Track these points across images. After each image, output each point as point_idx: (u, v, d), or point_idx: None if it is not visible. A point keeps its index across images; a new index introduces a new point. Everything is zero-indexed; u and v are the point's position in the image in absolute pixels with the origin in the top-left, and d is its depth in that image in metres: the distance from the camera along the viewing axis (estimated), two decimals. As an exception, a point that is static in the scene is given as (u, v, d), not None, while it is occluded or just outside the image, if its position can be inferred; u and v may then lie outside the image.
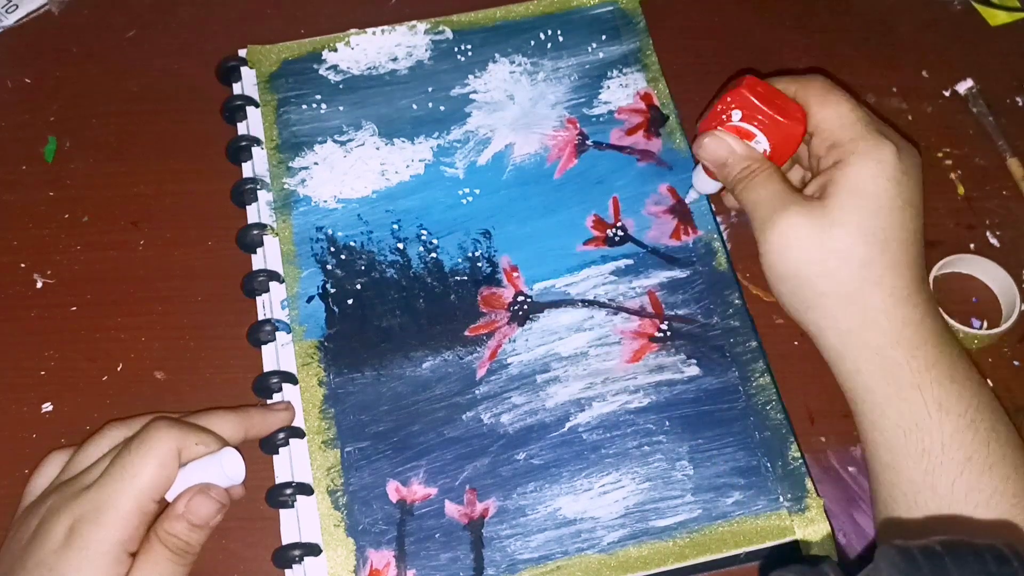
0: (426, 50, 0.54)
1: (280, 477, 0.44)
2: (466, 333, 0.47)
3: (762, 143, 0.43)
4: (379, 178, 0.50)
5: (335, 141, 0.51)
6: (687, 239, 0.48)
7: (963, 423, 0.38)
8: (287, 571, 0.42)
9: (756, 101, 0.42)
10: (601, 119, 0.52)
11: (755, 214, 0.41)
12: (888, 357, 0.39)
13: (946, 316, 0.46)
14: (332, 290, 0.47)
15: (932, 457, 0.38)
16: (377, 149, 0.51)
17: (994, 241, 0.50)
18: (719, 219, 0.50)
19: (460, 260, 0.48)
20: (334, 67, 0.54)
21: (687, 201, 0.49)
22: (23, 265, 0.50)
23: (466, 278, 0.48)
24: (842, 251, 0.39)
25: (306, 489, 0.43)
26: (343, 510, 0.43)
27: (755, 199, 0.41)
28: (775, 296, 0.43)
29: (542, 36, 0.54)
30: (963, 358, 0.40)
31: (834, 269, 0.39)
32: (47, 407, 0.47)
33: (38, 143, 0.54)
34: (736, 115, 0.42)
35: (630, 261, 0.48)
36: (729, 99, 0.42)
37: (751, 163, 0.42)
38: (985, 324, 0.48)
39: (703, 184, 0.47)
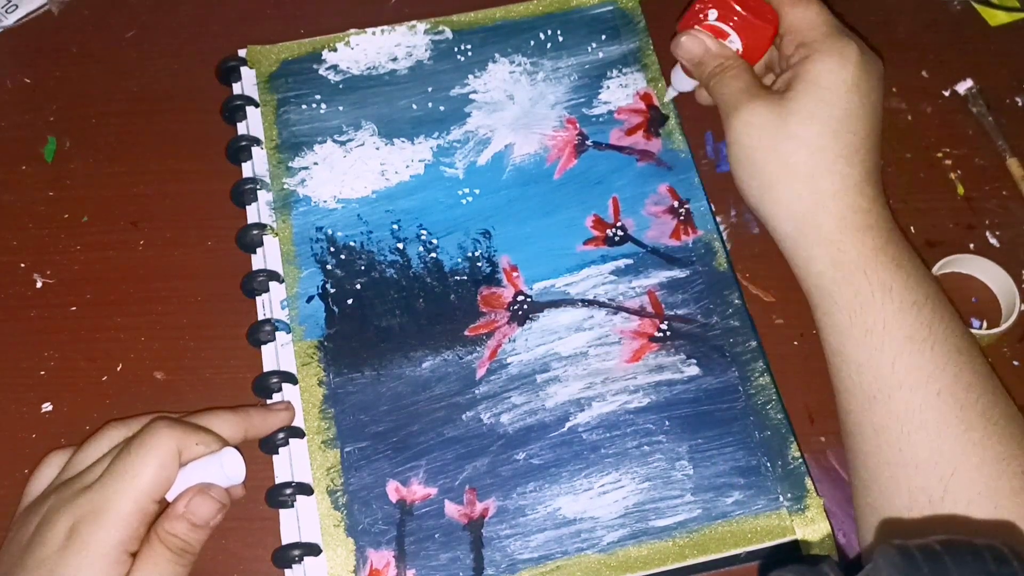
0: (426, 50, 0.54)
1: (280, 477, 0.44)
2: (466, 333, 0.47)
3: (735, 42, 0.45)
4: (379, 178, 0.50)
5: (335, 141, 0.51)
6: (687, 239, 0.48)
7: (906, 304, 0.39)
8: (287, 571, 0.42)
9: (731, 2, 0.44)
10: (601, 119, 0.52)
11: (723, 106, 0.44)
12: (836, 241, 0.41)
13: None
14: (332, 290, 0.47)
15: (875, 336, 0.39)
16: (377, 149, 0.51)
17: (994, 241, 0.50)
18: (719, 219, 0.50)
19: (460, 260, 0.48)
20: (334, 67, 0.54)
21: (665, 100, 0.51)
22: (23, 265, 0.50)
23: (466, 278, 0.48)
24: (797, 137, 0.41)
25: (306, 489, 0.43)
26: (343, 510, 0.43)
27: (724, 92, 0.44)
28: (738, 186, 0.45)
29: (542, 36, 0.54)
30: (911, 251, 0.42)
31: (788, 154, 0.41)
32: (47, 407, 0.47)
33: (38, 143, 0.54)
34: (712, 15, 0.45)
35: (630, 261, 0.48)
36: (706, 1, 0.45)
37: (724, 60, 0.45)
38: (985, 324, 0.48)
39: (680, 82, 0.49)
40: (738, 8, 0.44)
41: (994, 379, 0.40)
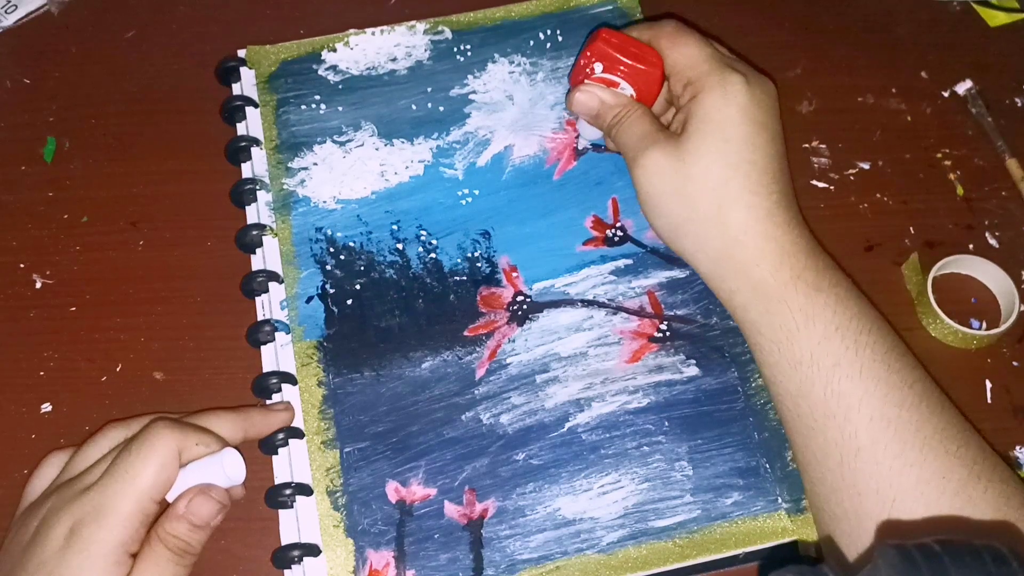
0: (425, 50, 0.54)
1: (279, 477, 0.44)
2: (465, 333, 0.47)
3: (627, 89, 0.45)
4: (378, 179, 0.50)
5: (334, 142, 0.51)
6: (686, 239, 0.48)
7: (830, 331, 0.39)
8: (286, 571, 0.42)
9: (613, 52, 0.44)
10: (600, 119, 0.52)
11: (625, 155, 0.44)
12: (754, 275, 0.40)
13: (946, 316, 0.46)
14: (331, 290, 0.47)
15: (803, 368, 0.39)
16: (376, 150, 0.51)
17: (993, 242, 0.50)
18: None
19: (459, 260, 0.48)
20: (333, 67, 0.54)
21: (578, 148, 0.51)
22: (22, 265, 0.50)
23: (465, 278, 0.48)
24: (697, 176, 0.41)
25: (305, 490, 0.43)
26: (342, 511, 0.43)
27: (625, 141, 0.44)
28: (655, 231, 0.45)
29: (541, 36, 0.54)
30: (832, 270, 0.41)
31: (692, 196, 0.41)
32: (46, 407, 0.47)
33: (37, 143, 0.54)
34: (598, 68, 0.45)
35: (629, 261, 0.48)
36: (589, 53, 0.45)
37: (620, 108, 0.45)
38: (984, 325, 0.48)
39: (588, 132, 0.49)
40: (621, 57, 0.44)
41: (929, 387, 0.39)
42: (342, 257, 0.48)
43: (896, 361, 0.39)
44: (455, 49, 0.54)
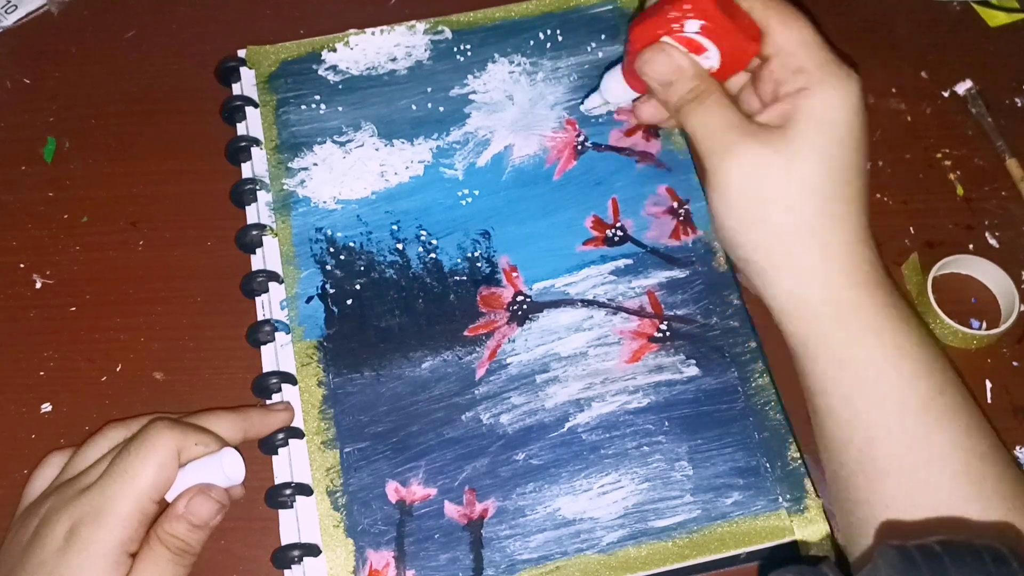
0: (425, 50, 0.54)
1: (279, 478, 0.44)
2: (465, 333, 0.47)
3: (712, 59, 0.38)
4: (378, 179, 0.50)
5: (334, 142, 0.51)
6: (686, 239, 0.48)
7: (919, 369, 0.36)
8: (286, 572, 0.42)
9: (719, 11, 0.37)
10: (600, 120, 0.52)
11: (706, 143, 0.37)
12: (846, 299, 0.37)
13: (945, 317, 0.46)
14: (331, 290, 0.47)
15: (888, 406, 0.36)
16: (376, 150, 0.51)
17: (993, 242, 0.50)
18: (718, 219, 0.50)
19: (459, 260, 0.48)
20: (333, 67, 0.54)
21: (584, 108, 0.46)
22: (22, 265, 0.50)
23: (465, 278, 0.48)
24: (807, 182, 0.36)
25: (305, 490, 0.43)
26: (342, 511, 0.43)
27: (706, 125, 0.37)
28: (726, 236, 0.38)
29: (541, 36, 0.54)
30: (910, 305, 0.38)
31: (797, 203, 0.36)
32: (46, 407, 0.47)
33: (37, 144, 0.54)
34: (692, 25, 0.37)
35: (629, 261, 0.48)
36: (688, 6, 0.37)
37: (699, 83, 0.38)
38: (984, 325, 0.48)
39: (616, 93, 0.42)
40: (726, 21, 0.37)
41: (992, 434, 0.37)
42: (342, 257, 0.48)
43: (969, 404, 0.37)
44: (455, 49, 0.54)
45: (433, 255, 0.48)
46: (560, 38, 0.54)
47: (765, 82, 0.39)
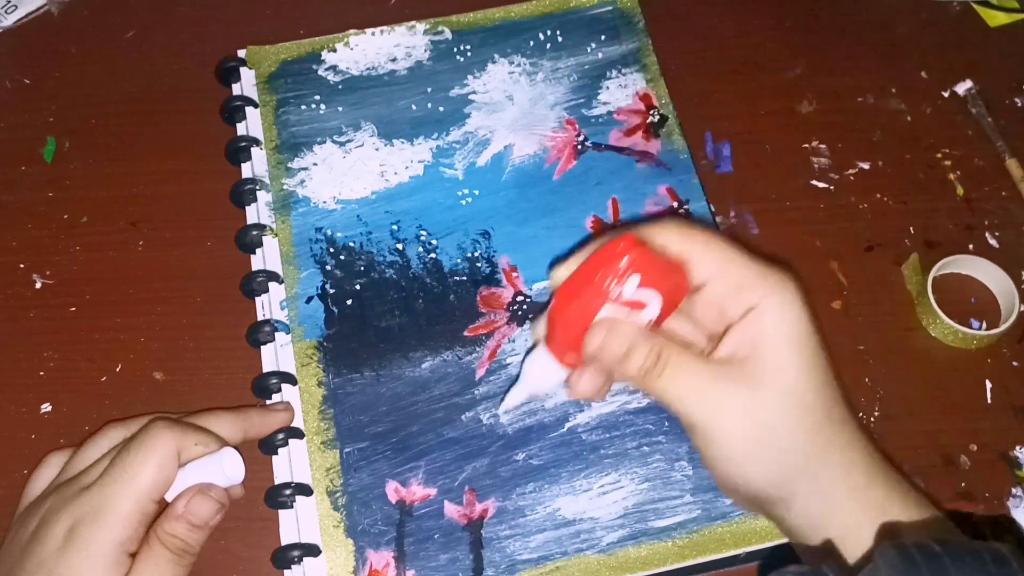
0: (425, 50, 0.54)
1: (279, 478, 0.44)
2: (465, 333, 0.47)
3: (653, 310, 0.34)
4: (378, 179, 0.50)
5: (334, 142, 0.51)
6: (686, 240, 0.48)
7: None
8: (286, 572, 0.42)
9: (654, 261, 0.33)
10: (600, 120, 0.52)
11: (686, 406, 0.34)
12: (871, 496, 0.35)
13: (946, 317, 0.46)
14: (331, 291, 0.47)
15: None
16: (376, 150, 0.51)
17: (993, 242, 0.50)
18: (718, 220, 0.50)
19: (459, 260, 0.48)
20: (333, 68, 0.54)
21: (503, 410, 0.41)
22: (22, 266, 0.50)
23: (465, 278, 0.48)
24: (801, 402, 0.34)
25: (305, 490, 0.43)
26: (342, 511, 0.43)
27: (680, 388, 0.34)
28: (725, 482, 0.36)
29: (541, 36, 0.54)
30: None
31: (797, 425, 0.34)
32: (46, 408, 0.47)
33: (37, 144, 0.54)
34: (632, 284, 0.33)
35: (629, 262, 0.48)
36: (626, 262, 0.33)
37: (654, 345, 0.34)
38: (984, 325, 0.48)
39: (546, 380, 0.36)
40: (662, 266, 0.33)
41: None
42: (342, 257, 0.48)
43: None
44: (455, 49, 0.54)
45: (433, 255, 0.48)
46: (560, 39, 0.54)
47: (706, 309, 0.36)
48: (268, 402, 0.45)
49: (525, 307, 0.47)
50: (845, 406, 0.35)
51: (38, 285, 0.50)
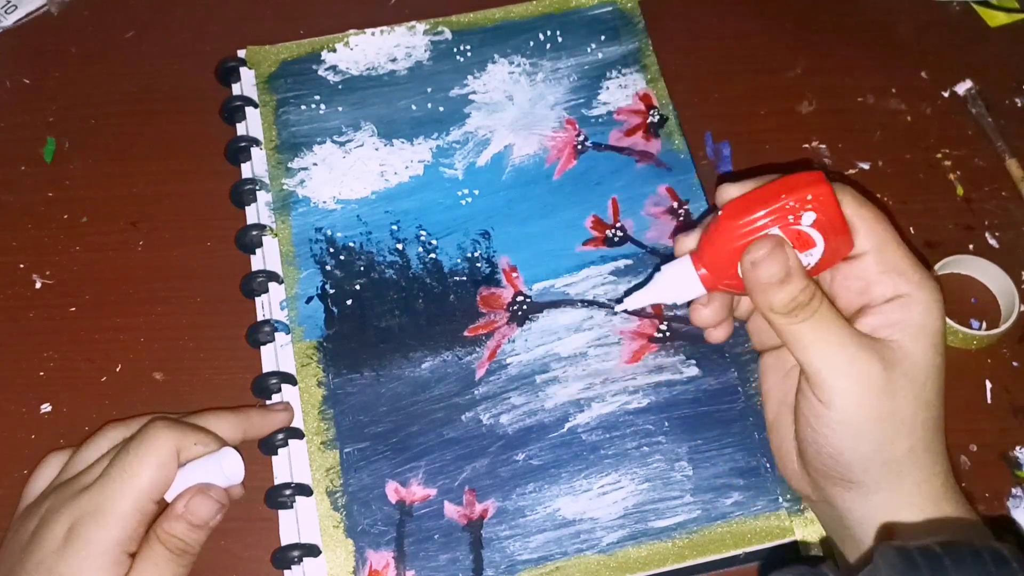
0: (425, 51, 0.54)
1: (279, 478, 0.44)
2: (465, 333, 0.47)
3: (815, 256, 0.34)
4: (378, 179, 0.50)
5: (334, 142, 0.51)
6: (686, 240, 0.48)
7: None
8: (286, 572, 0.42)
9: (836, 206, 0.33)
10: (600, 120, 0.52)
11: (822, 358, 0.34)
12: (940, 508, 0.35)
13: (945, 317, 0.46)
14: (331, 291, 0.47)
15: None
16: (376, 150, 0.51)
17: (993, 242, 0.50)
18: (718, 220, 0.50)
19: (459, 260, 0.48)
20: (333, 68, 0.54)
21: (618, 309, 0.40)
22: (22, 266, 0.50)
23: (465, 278, 0.48)
24: (928, 404, 0.35)
25: (305, 490, 0.43)
26: (342, 511, 0.43)
27: (823, 338, 0.34)
28: (819, 452, 0.35)
29: (541, 36, 0.54)
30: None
31: (913, 423, 0.35)
32: (46, 408, 0.47)
33: (37, 144, 0.54)
34: (808, 218, 0.33)
35: (629, 261, 0.48)
36: (810, 196, 0.33)
37: (810, 285, 0.34)
38: (984, 325, 0.48)
39: (684, 289, 0.36)
40: (841, 216, 0.33)
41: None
42: (342, 257, 0.48)
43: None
44: (455, 49, 0.54)
45: (433, 255, 0.48)
46: (560, 39, 0.54)
47: (853, 280, 0.36)
48: (268, 402, 0.45)
49: (525, 307, 0.47)
50: (943, 419, 0.36)
51: (38, 285, 0.50)
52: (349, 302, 0.47)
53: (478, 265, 0.48)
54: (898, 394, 0.34)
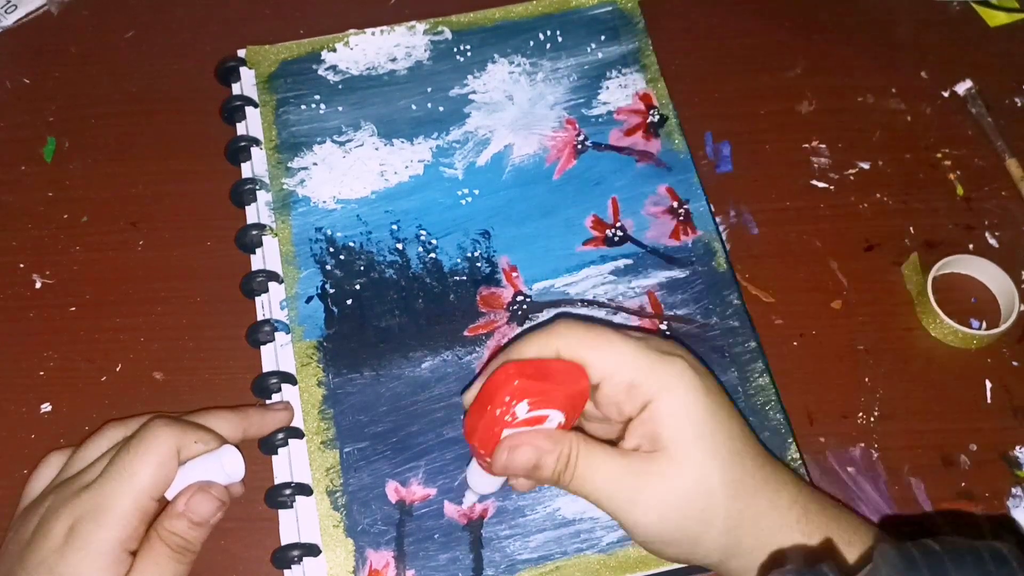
0: (425, 50, 0.54)
1: (279, 477, 0.44)
2: (465, 333, 0.47)
3: (556, 418, 0.36)
4: (378, 179, 0.50)
5: (334, 141, 0.51)
6: (686, 239, 0.48)
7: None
8: (286, 571, 0.42)
9: (537, 383, 0.35)
10: (600, 120, 0.52)
11: (604, 502, 0.36)
12: (812, 521, 0.37)
13: (945, 316, 0.46)
14: (331, 290, 0.47)
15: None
16: (376, 150, 0.51)
17: (993, 242, 0.50)
18: (718, 219, 0.50)
19: (459, 260, 0.48)
20: (333, 67, 0.54)
21: (463, 506, 0.43)
22: (22, 265, 0.50)
23: (465, 278, 0.48)
24: (713, 477, 0.35)
25: (305, 489, 0.43)
26: (342, 511, 0.43)
27: (595, 486, 0.36)
28: (651, 551, 0.38)
29: (541, 36, 0.54)
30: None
31: (712, 500, 0.35)
32: (46, 407, 0.47)
33: (37, 143, 0.54)
34: (522, 410, 0.35)
35: (629, 261, 0.48)
36: (507, 397, 0.35)
37: (564, 448, 0.36)
38: (984, 325, 0.48)
39: (488, 485, 0.39)
40: (547, 386, 0.35)
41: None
42: (342, 257, 0.48)
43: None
44: (455, 49, 0.54)
45: (433, 255, 0.48)
46: (560, 39, 0.54)
47: (607, 406, 0.37)
48: (268, 402, 0.45)
49: (525, 307, 0.47)
50: (763, 457, 0.37)
51: (38, 285, 0.50)
52: (349, 302, 0.47)
53: (478, 265, 0.48)
54: (683, 497, 0.35)
